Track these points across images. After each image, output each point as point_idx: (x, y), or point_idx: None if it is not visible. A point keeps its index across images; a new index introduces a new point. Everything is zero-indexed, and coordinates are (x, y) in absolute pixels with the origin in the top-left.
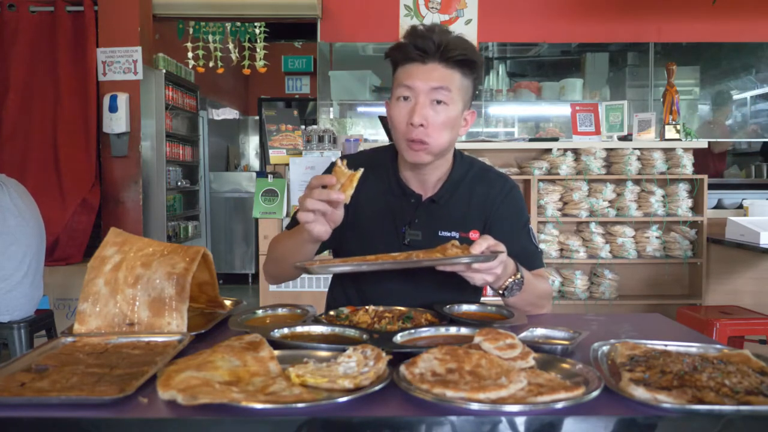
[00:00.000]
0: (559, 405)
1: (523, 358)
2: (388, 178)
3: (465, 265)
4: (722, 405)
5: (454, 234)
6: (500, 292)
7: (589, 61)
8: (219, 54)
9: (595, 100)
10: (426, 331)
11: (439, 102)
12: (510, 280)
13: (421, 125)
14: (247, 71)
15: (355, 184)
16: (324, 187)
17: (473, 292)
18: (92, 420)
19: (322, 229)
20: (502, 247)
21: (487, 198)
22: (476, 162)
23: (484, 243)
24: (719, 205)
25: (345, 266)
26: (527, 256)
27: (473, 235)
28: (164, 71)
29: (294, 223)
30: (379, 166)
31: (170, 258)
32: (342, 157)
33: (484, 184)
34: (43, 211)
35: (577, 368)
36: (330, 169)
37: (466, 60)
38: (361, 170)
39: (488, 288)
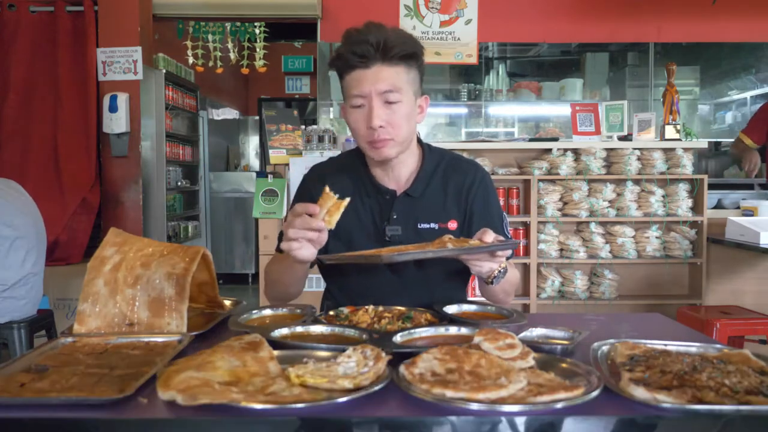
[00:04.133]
0: (559, 405)
1: (522, 358)
2: (361, 179)
3: (488, 252)
4: (722, 405)
5: (432, 225)
6: (489, 280)
7: (589, 61)
8: (219, 54)
9: (595, 100)
10: (426, 331)
11: (391, 102)
12: (498, 269)
13: (381, 126)
14: (245, 71)
15: (341, 211)
16: (309, 214)
17: (461, 291)
18: (92, 420)
19: (308, 254)
20: (501, 238)
21: (462, 187)
22: (446, 153)
23: (491, 234)
24: (719, 205)
25: (410, 255)
26: (501, 234)
27: (452, 224)
28: (164, 71)
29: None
30: (350, 169)
31: (170, 258)
32: (311, 167)
33: (457, 174)
34: (43, 211)
35: (577, 368)
36: (303, 184)
37: (407, 54)
38: (348, 199)
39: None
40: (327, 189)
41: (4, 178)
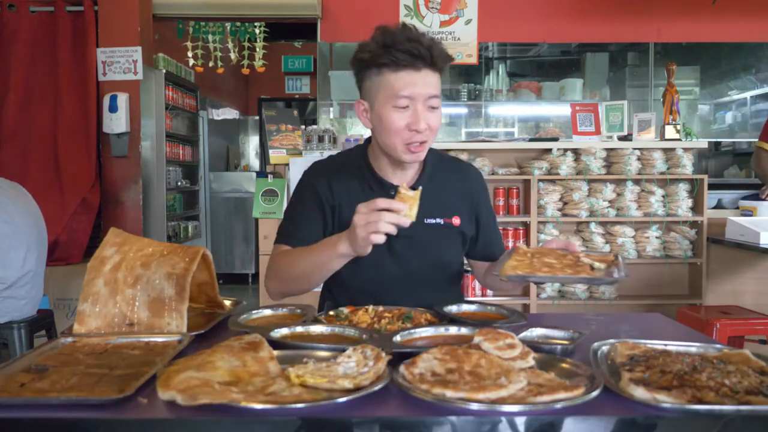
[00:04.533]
0: (559, 405)
1: (522, 358)
2: (364, 175)
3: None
4: (722, 405)
5: (438, 221)
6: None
7: (589, 61)
8: (219, 54)
9: (595, 100)
10: (426, 331)
11: (433, 107)
12: None
13: (425, 130)
14: (245, 71)
15: (418, 201)
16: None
17: (458, 290)
18: (92, 420)
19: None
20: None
21: (467, 187)
22: (442, 153)
23: (574, 244)
24: (719, 205)
25: (536, 278)
26: (500, 239)
27: (455, 220)
28: (164, 71)
29: (289, 233)
30: (353, 166)
31: (170, 258)
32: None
33: (460, 174)
34: (43, 211)
35: (577, 368)
36: (306, 179)
37: (447, 62)
38: (420, 188)
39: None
40: (404, 184)
41: (8, 180)
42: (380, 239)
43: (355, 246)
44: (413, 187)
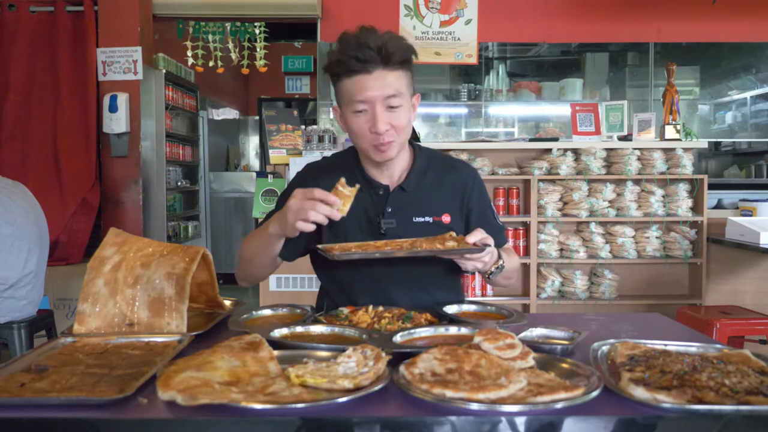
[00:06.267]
0: (559, 405)
1: (522, 358)
2: (354, 176)
3: (460, 254)
4: (722, 405)
5: (427, 219)
6: (486, 276)
7: (589, 61)
8: (219, 54)
9: (595, 100)
10: (426, 331)
11: (394, 107)
12: (494, 267)
13: (387, 130)
14: (246, 71)
15: (353, 199)
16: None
17: (457, 288)
18: (92, 420)
19: (307, 228)
20: (490, 240)
21: (457, 185)
22: (435, 151)
23: (478, 234)
24: (719, 205)
25: (362, 254)
26: (495, 234)
27: (445, 218)
28: (164, 71)
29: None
30: (344, 167)
31: (170, 258)
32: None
33: (452, 172)
34: (44, 210)
35: (577, 368)
36: (298, 180)
37: (406, 59)
38: (358, 186)
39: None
40: (343, 181)
41: (11, 179)
42: (308, 228)
43: (284, 228)
44: (402, 188)
